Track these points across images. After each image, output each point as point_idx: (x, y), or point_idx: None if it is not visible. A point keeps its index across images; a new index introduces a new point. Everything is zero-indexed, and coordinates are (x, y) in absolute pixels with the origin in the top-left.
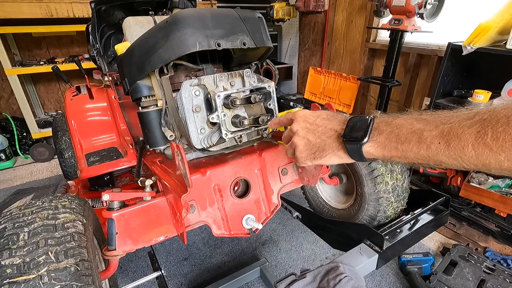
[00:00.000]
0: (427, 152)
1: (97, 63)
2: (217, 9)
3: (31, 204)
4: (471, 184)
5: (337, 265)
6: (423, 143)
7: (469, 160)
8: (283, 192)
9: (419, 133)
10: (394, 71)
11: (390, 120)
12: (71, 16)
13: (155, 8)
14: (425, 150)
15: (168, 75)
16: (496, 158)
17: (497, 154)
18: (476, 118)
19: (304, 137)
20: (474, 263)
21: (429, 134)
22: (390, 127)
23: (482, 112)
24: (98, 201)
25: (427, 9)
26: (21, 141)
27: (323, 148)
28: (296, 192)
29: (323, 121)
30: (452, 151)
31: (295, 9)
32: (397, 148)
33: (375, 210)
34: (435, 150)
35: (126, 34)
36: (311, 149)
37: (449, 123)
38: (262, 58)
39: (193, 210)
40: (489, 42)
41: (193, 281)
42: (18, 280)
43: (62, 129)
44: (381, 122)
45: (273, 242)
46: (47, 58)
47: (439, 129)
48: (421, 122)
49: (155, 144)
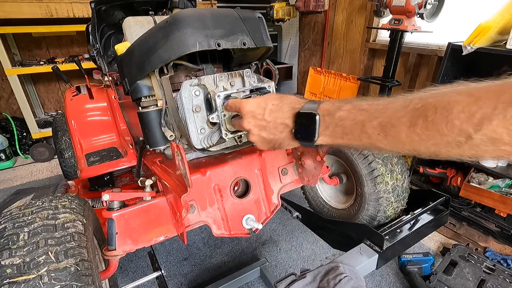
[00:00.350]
0: (368, 141)
1: (97, 63)
2: (217, 9)
3: (31, 204)
4: (471, 184)
5: (337, 265)
6: (364, 133)
7: (403, 147)
8: (283, 192)
9: (361, 124)
10: (394, 71)
11: (334, 111)
12: (71, 16)
13: (155, 8)
14: (367, 140)
15: (168, 75)
16: (424, 145)
17: (426, 141)
18: (410, 107)
19: (258, 135)
20: (474, 263)
21: (370, 125)
22: (335, 120)
23: (415, 101)
24: (98, 201)
25: (427, 9)
26: (21, 141)
27: (279, 142)
28: (296, 192)
29: (271, 114)
30: (389, 139)
31: (295, 9)
32: (343, 138)
33: (375, 210)
34: (375, 139)
35: (126, 34)
36: (268, 143)
37: (386, 113)
38: (262, 58)
39: (193, 210)
40: (489, 42)
41: (193, 281)
42: (18, 280)
43: (62, 129)
44: (326, 115)
45: (273, 242)
46: (47, 58)
47: (378, 120)
48: (363, 113)
49: (155, 144)
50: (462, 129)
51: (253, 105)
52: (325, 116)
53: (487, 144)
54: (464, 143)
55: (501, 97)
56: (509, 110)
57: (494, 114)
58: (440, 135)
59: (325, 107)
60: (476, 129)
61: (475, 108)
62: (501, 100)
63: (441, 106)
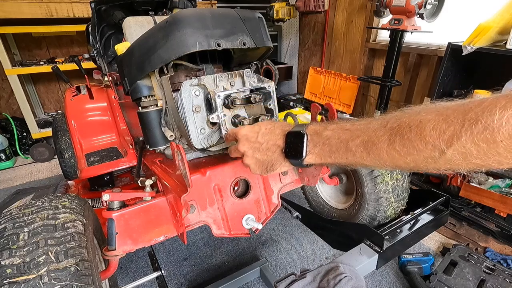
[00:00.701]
0: (353, 158)
1: (97, 63)
2: (217, 9)
3: (31, 204)
4: (471, 184)
5: (337, 265)
6: (349, 151)
7: (385, 162)
8: (283, 192)
9: (345, 143)
10: (394, 71)
11: (321, 131)
12: (71, 16)
13: (155, 8)
14: (352, 157)
15: (168, 75)
16: (404, 160)
17: (404, 158)
18: (388, 127)
19: (252, 156)
20: (474, 263)
21: (353, 143)
22: (322, 139)
23: (392, 121)
24: (98, 201)
25: (427, 9)
26: (21, 141)
27: (272, 163)
28: (296, 192)
29: (264, 137)
30: (372, 156)
31: (295, 9)
32: (330, 157)
33: (375, 210)
34: (360, 157)
35: (126, 34)
36: (262, 165)
37: (367, 132)
38: (262, 58)
39: (193, 210)
40: (489, 42)
41: (193, 281)
42: (18, 280)
43: (62, 129)
44: (314, 135)
45: (273, 242)
46: (47, 58)
47: (360, 138)
48: (346, 132)
49: (155, 144)
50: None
51: (247, 130)
52: (313, 136)
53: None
54: (438, 158)
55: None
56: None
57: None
58: (416, 151)
59: (313, 127)
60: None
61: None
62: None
63: (414, 125)
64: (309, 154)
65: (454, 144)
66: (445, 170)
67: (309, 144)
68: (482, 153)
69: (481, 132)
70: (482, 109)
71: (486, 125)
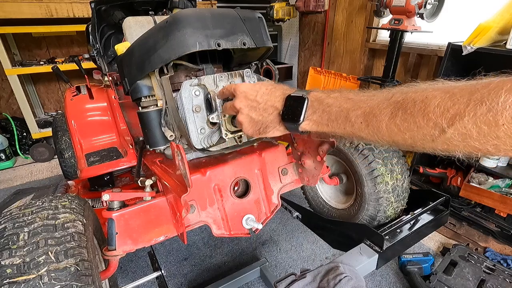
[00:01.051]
0: (351, 129)
1: (97, 63)
2: (217, 9)
3: (31, 204)
4: (471, 184)
5: (337, 265)
6: (348, 121)
7: (382, 137)
8: (283, 192)
9: (346, 112)
10: (394, 71)
11: (323, 99)
12: (71, 16)
13: (155, 8)
14: (350, 128)
15: (168, 75)
16: (402, 136)
17: (403, 133)
18: (392, 100)
19: (247, 114)
20: (474, 263)
21: (354, 113)
22: (322, 106)
23: (397, 94)
24: (98, 201)
25: (427, 9)
26: (21, 141)
27: (266, 125)
28: (296, 192)
29: (263, 97)
30: (370, 129)
31: (295, 9)
32: (328, 125)
33: (375, 210)
34: (358, 128)
35: (126, 34)
36: (255, 125)
37: (370, 103)
38: (262, 58)
39: (193, 210)
40: (489, 42)
41: (193, 281)
42: (18, 280)
43: (62, 129)
44: (315, 101)
45: (273, 242)
46: (47, 58)
47: (361, 109)
48: (348, 102)
49: (155, 144)
50: (436, 123)
51: (247, 87)
52: (314, 102)
53: (458, 139)
54: (438, 137)
55: (473, 95)
56: (480, 108)
57: (465, 111)
58: (417, 127)
59: (315, 94)
60: (449, 123)
61: (450, 104)
62: (473, 98)
63: (419, 100)
64: (306, 119)
65: (455, 124)
66: (441, 151)
67: (309, 110)
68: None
69: (485, 113)
70: (488, 90)
71: (490, 107)
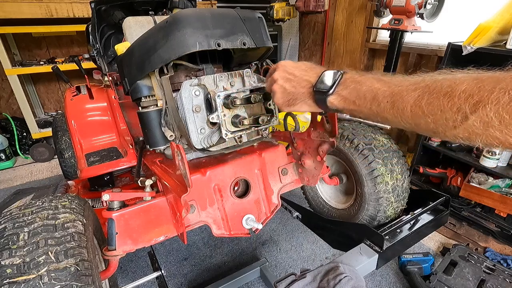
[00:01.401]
0: (377, 108)
1: (97, 63)
2: (217, 9)
3: (31, 204)
4: (471, 184)
5: (337, 265)
6: (375, 100)
7: (406, 119)
8: (283, 192)
9: (375, 91)
10: (394, 71)
11: (356, 77)
12: (71, 16)
13: (155, 8)
14: (376, 107)
15: (168, 75)
16: (425, 119)
17: (426, 117)
18: (422, 84)
19: (282, 85)
20: (474, 263)
21: (383, 93)
22: (354, 84)
23: (428, 79)
24: (98, 201)
25: (427, 9)
26: (21, 141)
27: (296, 97)
28: (296, 192)
29: (300, 71)
30: (395, 110)
31: (295, 9)
32: (355, 103)
33: (375, 210)
34: (383, 108)
35: (126, 34)
36: (286, 96)
37: (400, 85)
38: (262, 58)
39: (193, 210)
40: (489, 42)
41: (193, 281)
42: (18, 280)
43: (62, 129)
44: (349, 78)
45: (273, 242)
46: (47, 58)
47: (390, 89)
48: (380, 82)
49: (155, 144)
50: (460, 108)
51: (288, 62)
52: (347, 79)
53: (480, 128)
54: (460, 123)
55: (499, 84)
56: (504, 97)
57: (489, 99)
58: (440, 111)
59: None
60: (471, 110)
61: (476, 90)
62: (498, 86)
63: (447, 84)
64: (335, 93)
65: (478, 111)
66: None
67: (340, 85)
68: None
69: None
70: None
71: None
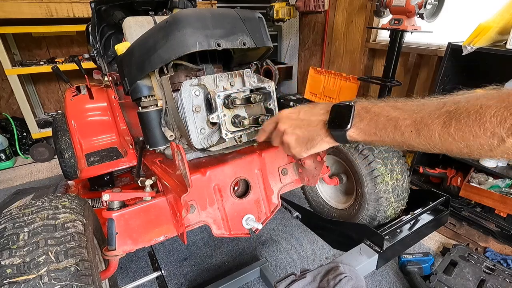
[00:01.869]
0: (401, 138)
1: (97, 63)
2: (217, 9)
3: (31, 204)
4: (471, 184)
5: (337, 265)
6: (398, 130)
7: (435, 145)
8: (283, 192)
9: (394, 121)
10: (394, 71)
11: (369, 107)
12: (71, 16)
13: (155, 8)
14: (399, 137)
15: (168, 75)
16: (457, 145)
17: (458, 143)
18: (444, 110)
19: (293, 133)
20: (474, 263)
21: (403, 123)
22: (370, 115)
23: (449, 104)
24: (98, 201)
25: (427, 9)
26: (21, 141)
27: (312, 138)
28: (296, 192)
29: (305, 114)
30: (422, 138)
31: (295, 9)
32: (376, 134)
33: (375, 210)
34: (408, 137)
35: (126, 34)
36: (303, 141)
37: (420, 113)
38: (262, 58)
39: (193, 210)
40: (489, 42)
41: (193, 281)
42: (18, 280)
43: (62, 129)
44: (362, 109)
45: (273, 242)
46: (47, 58)
47: (412, 118)
48: (396, 111)
49: (155, 144)
50: (494, 133)
51: (287, 111)
52: (360, 110)
53: None
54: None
55: None
56: None
57: None
58: (473, 137)
59: (360, 103)
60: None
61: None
62: None
63: (473, 110)
64: (353, 127)
65: None
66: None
67: (356, 118)
68: None
69: None
70: None
71: None
